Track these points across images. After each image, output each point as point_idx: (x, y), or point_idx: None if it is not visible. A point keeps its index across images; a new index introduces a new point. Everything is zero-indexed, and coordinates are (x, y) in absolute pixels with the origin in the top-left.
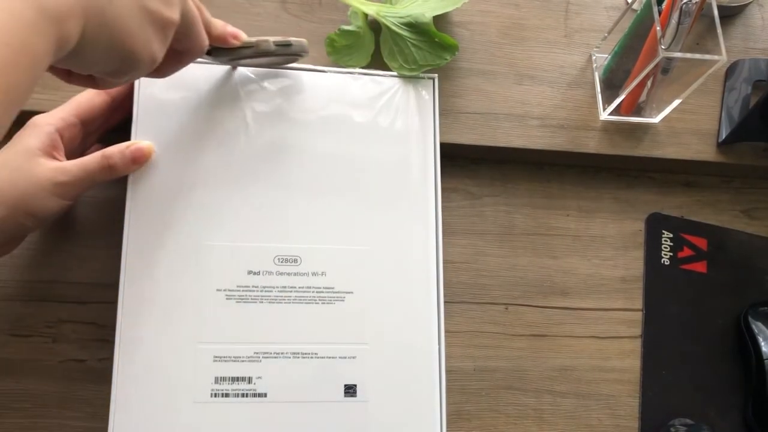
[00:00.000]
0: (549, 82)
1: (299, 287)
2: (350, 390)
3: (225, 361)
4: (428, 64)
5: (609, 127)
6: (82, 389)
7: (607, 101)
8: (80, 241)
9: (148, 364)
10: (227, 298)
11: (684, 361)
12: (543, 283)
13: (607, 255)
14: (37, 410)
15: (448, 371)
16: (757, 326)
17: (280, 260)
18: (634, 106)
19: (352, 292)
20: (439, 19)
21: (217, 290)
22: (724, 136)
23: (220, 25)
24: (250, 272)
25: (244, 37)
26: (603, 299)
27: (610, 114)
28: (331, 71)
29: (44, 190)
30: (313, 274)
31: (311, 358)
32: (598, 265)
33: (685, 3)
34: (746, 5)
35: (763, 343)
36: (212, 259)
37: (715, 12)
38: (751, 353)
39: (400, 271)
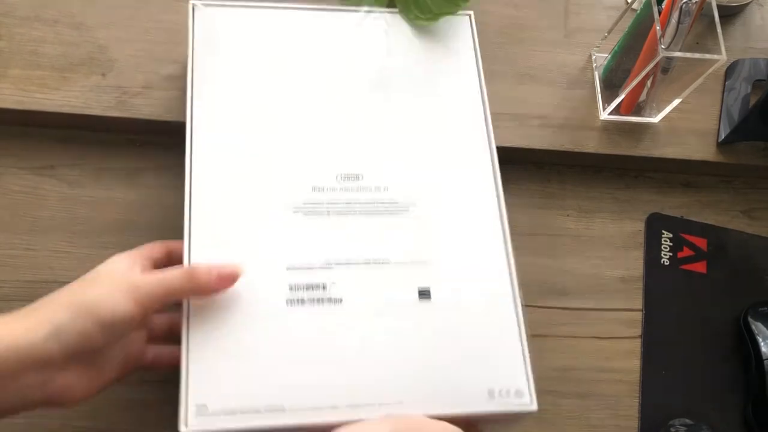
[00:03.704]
0: (549, 82)
1: (363, 201)
2: (425, 294)
3: (298, 269)
4: (442, 12)
5: (609, 127)
6: None
7: (607, 101)
8: (80, 241)
9: None
10: (294, 212)
11: (684, 361)
12: (543, 283)
13: (607, 255)
14: (37, 410)
15: None
16: (756, 326)
17: (343, 177)
18: (633, 106)
19: (415, 204)
20: None
21: (285, 205)
22: (723, 136)
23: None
24: (314, 188)
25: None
26: (603, 299)
27: (610, 114)
28: (379, 11)
29: (118, 290)
30: (376, 188)
31: (383, 264)
32: (598, 265)
33: (684, 2)
34: (746, 5)
35: (762, 344)
36: (277, 175)
37: (715, 12)
38: (750, 353)
39: (460, 185)
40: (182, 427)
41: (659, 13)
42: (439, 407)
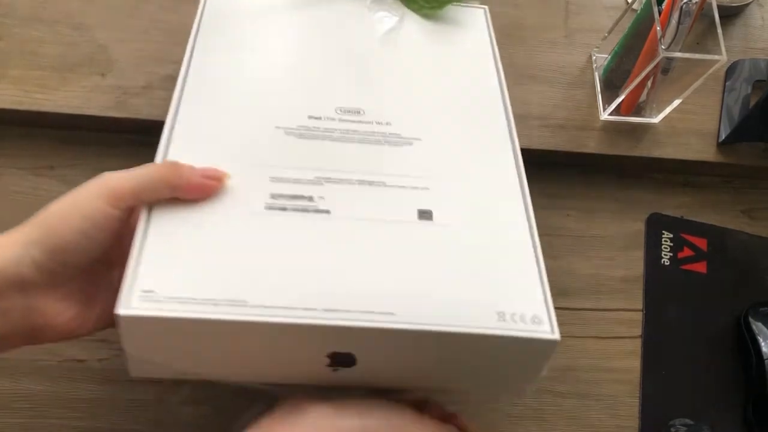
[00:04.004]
0: (549, 82)
1: (363, 132)
2: (425, 214)
3: (284, 181)
4: (447, 0)
5: (609, 127)
6: (82, 389)
7: (607, 101)
8: None
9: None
10: (287, 133)
11: (684, 361)
12: None
13: (608, 255)
14: (37, 410)
15: None
16: (757, 326)
17: (342, 110)
18: (634, 106)
19: (420, 139)
20: None
21: (277, 127)
22: (724, 136)
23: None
24: (311, 117)
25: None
26: (603, 299)
27: (610, 114)
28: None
29: (88, 192)
30: (377, 123)
31: (379, 185)
32: (598, 265)
33: (685, 3)
34: (746, 5)
35: (763, 344)
36: (273, 100)
37: (715, 12)
38: (751, 353)
39: (469, 119)
40: (120, 309)
41: (659, 13)
42: (437, 323)
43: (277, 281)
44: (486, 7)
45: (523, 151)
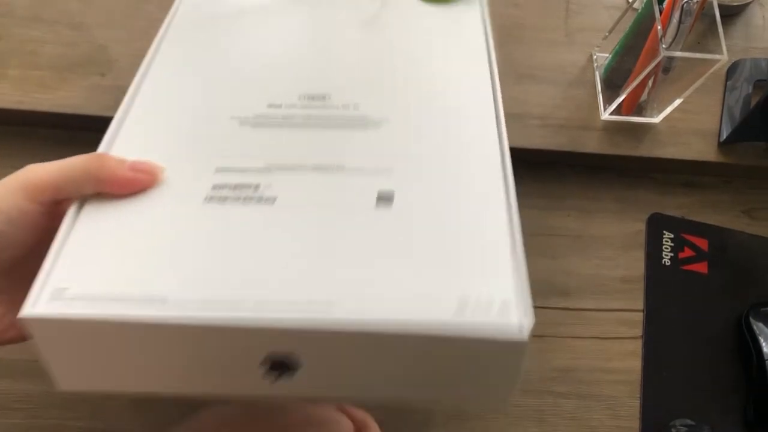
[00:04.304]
0: (549, 82)
1: (327, 116)
2: (385, 198)
3: (230, 171)
4: None
5: (610, 127)
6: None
7: (608, 101)
8: None
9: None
10: (241, 124)
11: (685, 361)
12: (543, 284)
13: (608, 255)
14: (37, 410)
15: None
16: (758, 327)
17: (306, 97)
18: (634, 106)
19: (388, 120)
20: None
21: (232, 117)
22: (725, 136)
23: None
24: (271, 105)
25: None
26: (603, 300)
27: (611, 114)
28: None
29: (5, 187)
30: (344, 106)
31: (335, 170)
32: (599, 265)
33: (686, 2)
34: (747, 5)
35: (764, 344)
36: (231, 87)
37: (716, 11)
38: (752, 354)
39: (450, 106)
40: (27, 309)
41: (660, 12)
42: (381, 312)
43: (205, 276)
44: None
45: (523, 151)
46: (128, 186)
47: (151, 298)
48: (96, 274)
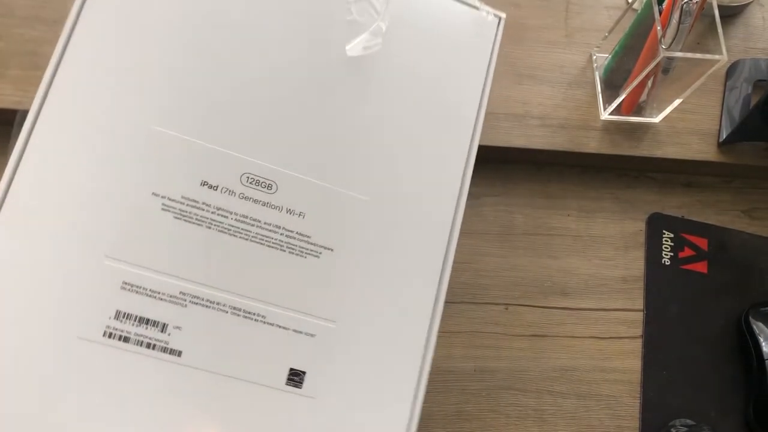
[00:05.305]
0: (549, 82)
1: (265, 223)
2: (296, 377)
3: (137, 292)
4: None
5: (609, 127)
6: None
7: (608, 101)
8: None
9: (30, 264)
10: (163, 209)
11: (685, 361)
12: (543, 283)
13: (608, 255)
14: None
15: (448, 371)
16: (757, 326)
17: (250, 180)
18: (634, 106)
19: (331, 250)
20: None
21: (153, 194)
22: (724, 136)
23: None
24: (204, 183)
25: None
26: (603, 299)
27: (611, 114)
28: None
29: None
30: (289, 211)
31: (256, 321)
32: (599, 265)
33: (685, 2)
34: (747, 5)
35: (763, 344)
36: (157, 150)
37: (716, 12)
38: (751, 353)
39: (399, 240)
40: None
41: (660, 13)
42: None
43: None
44: (503, 15)
45: (523, 151)
46: None
47: None
48: None
